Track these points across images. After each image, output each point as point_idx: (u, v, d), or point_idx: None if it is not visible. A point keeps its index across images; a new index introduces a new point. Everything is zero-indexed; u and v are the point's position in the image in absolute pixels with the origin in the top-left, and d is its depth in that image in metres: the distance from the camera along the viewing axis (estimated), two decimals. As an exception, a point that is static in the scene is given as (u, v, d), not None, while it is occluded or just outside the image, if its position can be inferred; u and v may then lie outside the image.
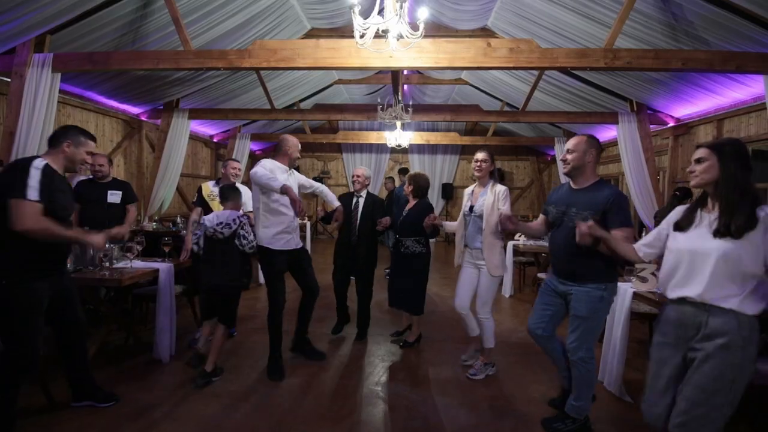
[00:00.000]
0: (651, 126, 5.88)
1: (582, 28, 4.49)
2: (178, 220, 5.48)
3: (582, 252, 2.09)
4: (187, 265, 3.39)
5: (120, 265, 3.02)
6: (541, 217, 2.54)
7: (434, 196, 10.35)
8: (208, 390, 2.72)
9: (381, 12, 2.65)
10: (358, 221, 3.56)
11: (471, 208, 2.99)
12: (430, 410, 2.59)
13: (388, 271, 6.10)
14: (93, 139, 2.33)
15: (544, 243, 5.09)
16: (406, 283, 3.45)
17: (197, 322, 3.65)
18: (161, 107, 6.26)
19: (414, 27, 2.63)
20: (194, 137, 7.76)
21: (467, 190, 3.17)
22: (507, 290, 5.32)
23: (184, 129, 6.28)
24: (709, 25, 3.62)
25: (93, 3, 3.57)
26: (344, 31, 5.83)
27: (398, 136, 7.04)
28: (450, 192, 10.49)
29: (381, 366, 3.21)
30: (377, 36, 2.69)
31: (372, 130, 9.10)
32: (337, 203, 3.35)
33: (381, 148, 10.40)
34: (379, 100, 6.00)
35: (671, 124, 5.94)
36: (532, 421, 2.49)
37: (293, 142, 3.11)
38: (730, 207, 1.53)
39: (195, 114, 6.41)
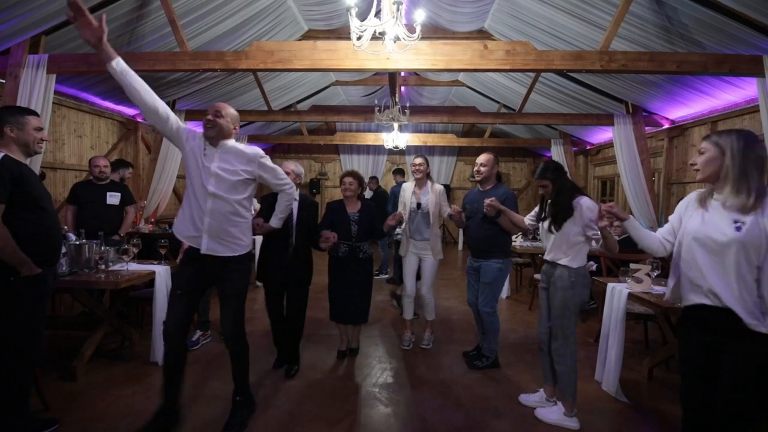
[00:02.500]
0: (646, 128, 5.91)
1: (578, 31, 4.52)
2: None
3: (488, 238, 3.06)
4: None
5: (116, 267, 3.00)
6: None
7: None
8: (208, 392, 2.71)
9: (378, 14, 2.66)
10: (294, 227, 2.99)
11: (419, 205, 3.40)
12: (428, 411, 2.59)
13: (385, 276, 6.13)
14: (33, 113, 2.13)
15: (541, 244, 5.11)
16: (363, 290, 3.26)
17: (194, 325, 3.63)
18: (157, 108, 6.22)
19: (411, 29, 2.64)
20: (191, 138, 7.72)
21: (407, 190, 3.53)
22: (504, 291, 5.33)
23: (180, 130, 6.25)
24: (703, 28, 3.65)
25: (89, 4, 3.55)
26: (341, 33, 5.83)
27: (395, 138, 7.05)
28: (447, 193, 10.47)
29: (378, 367, 3.20)
30: (374, 38, 2.70)
31: (369, 131, 9.10)
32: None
33: (378, 150, 10.40)
34: (376, 102, 6.01)
35: (666, 126, 5.98)
36: (530, 421, 2.49)
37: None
38: (554, 207, 2.51)
39: (192, 115, 6.38)
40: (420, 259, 3.48)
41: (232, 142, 2.31)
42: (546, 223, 2.57)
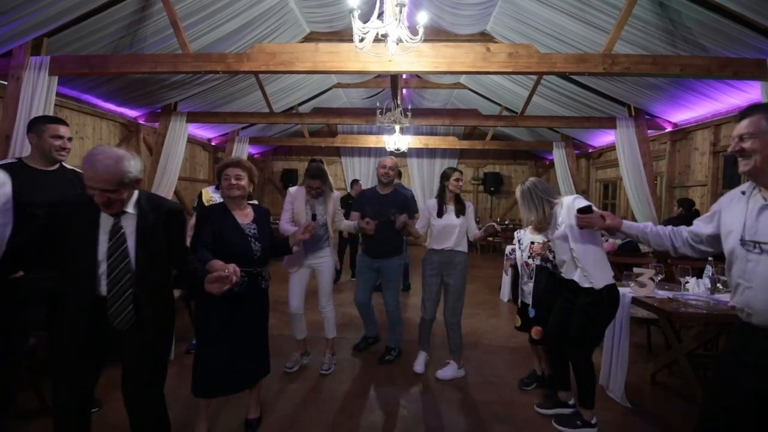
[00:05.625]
0: (649, 131, 5.90)
1: (581, 34, 4.51)
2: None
3: (391, 238, 3.23)
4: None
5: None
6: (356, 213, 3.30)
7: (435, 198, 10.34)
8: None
9: (380, 16, 2.65)
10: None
11: (314, 216, 3.04)
12: (430, 415, 2.57)
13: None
14: (57, 122, 2.24)
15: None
16: (263, 332, 2.37)
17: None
18: (159, 110, 6.23)
19: (413, 31, 2.63)
20: (192, 140, 7.73)
21: (300, 199, 3.03)
22: (505, 295, 5.31)
23: (182, 132, 6.26)
24: (706, 31, 3.64)
25: (90, 6, 3.56)
26: (343, 35, 5.83)
27: (397, 140, 7.04)
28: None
29: (380, 371, 3.18)
30: (376, 40, 2.69)
31: (371, 133, 9.10)
32: None
33: (380, 152, 10.38)
34: (378, 104, 6.00)
35: (669, 129, 5.96)
36: (531, 425, 2.47)
37: None
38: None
39: (193, 117, 6.39)
40: (313, 269, 3.11)
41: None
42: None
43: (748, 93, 4.39)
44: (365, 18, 2.58)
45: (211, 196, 3.72)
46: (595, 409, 2.43)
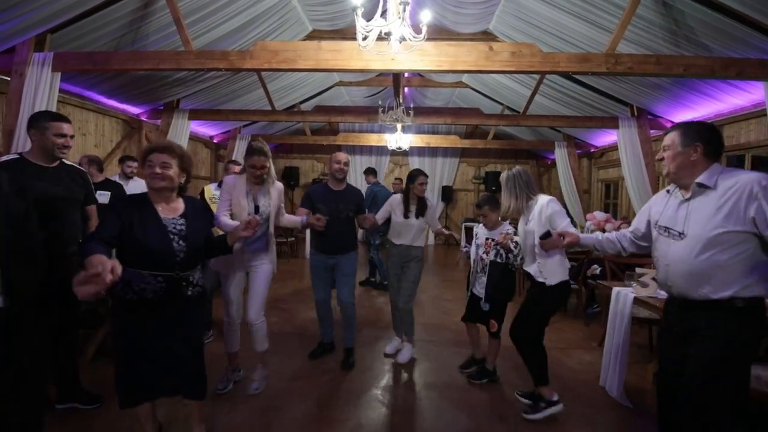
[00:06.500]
0: (651, 131, 5.88)
1: (584, 33, 4.49)
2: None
3: (348, 233, 3.19)
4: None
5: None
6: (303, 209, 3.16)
7: (434, 199, 10.35)
8: (209, 393, 2.69)
9: (383, 14, 2.64)
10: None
11: (257, 208, 2.63)
12: (430, 414, 2.58)
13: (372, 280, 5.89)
14: (60, 119, 2.23)
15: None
16: (195, 347, 1.98)
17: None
18: (161, 107, 6.24)
19: (416, 30, 2.63)
20: (194, 138, 7.73)
21: (240, 188, 2.62)
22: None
23: (184, 129, 6.27)
24: (710, 31, 3.62)
25: (93, 2, 3.56)
26: (345, 33, 5.83)
27: (399, 139, 7.03)
28: (450, 195, 10.49)
29: (380, 370, 3.19)
30: (379, 38, 2.69)
31: (372, 132, 9.09)
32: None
33: (381, 151, 10.39)
34: (380, 103, 6.00)
35: (671, 129, 5.95)
36: (531, 425, 2.47)
37: None
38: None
39: (195, 114, 6.39)
40: (247, 273, 2.75)
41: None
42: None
43: (752, 93, 4.38)
44: (368, 16, 2.58)
45: (213, 193, 3.73)
46: (551, 385, 2.58)
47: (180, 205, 1.95)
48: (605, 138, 7.61)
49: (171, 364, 1.88)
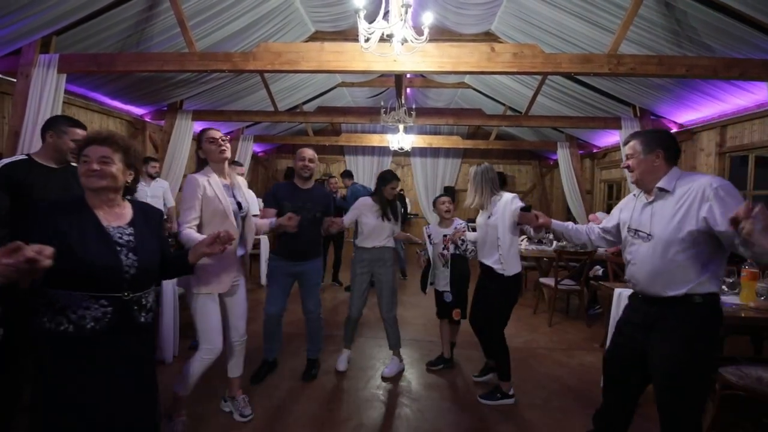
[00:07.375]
0: (654, 131, 5.86)
1: (586, 34, 4.50)
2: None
3: (316, 238, 3.01)
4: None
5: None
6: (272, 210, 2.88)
7: (436, 200, 10.33)
8: (211, 392, 2.72)
9: (386, 16, 2.66)
10: None
11: (239, 205, 2.34)
12: (432, 414, 2.59)
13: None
14: (79, 126, 2.29)
15: (546, 247, 5.08)
16: (147, 398, 1.55)
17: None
18: (165, 108, 6.27)
19: (419, 31, 2.64)
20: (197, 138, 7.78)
21: (216, 187, 2.25)
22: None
23: (187, 130, 6.30)
24: (712, 32, 3.62)
25: (99, 5, 3.59)
26: (348, 34, 5.85)
27: (401, 139, 7.04)
28: (452, 195, 10.46)
29: (382, 370, 3.20)
30: (382, 40, 2.70)
31: (374, 132, 9.10)
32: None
33: (383, 151, 10.40)
34: (382, 103, 6.01)
35: (674, 130, 5.93)
36: (534, 426, 2.48)
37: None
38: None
39: (199, 115, 6.42)
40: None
41: None
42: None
43: (755, 94, 4.37)
44: (371, 18, 2.59)
45: (216, 193, 3.73)
46: (512, 381, 2.75)
47: (127, 210, 1.56)
48: (608, 138, 7.60)
49: (115, 425, 1.42)
